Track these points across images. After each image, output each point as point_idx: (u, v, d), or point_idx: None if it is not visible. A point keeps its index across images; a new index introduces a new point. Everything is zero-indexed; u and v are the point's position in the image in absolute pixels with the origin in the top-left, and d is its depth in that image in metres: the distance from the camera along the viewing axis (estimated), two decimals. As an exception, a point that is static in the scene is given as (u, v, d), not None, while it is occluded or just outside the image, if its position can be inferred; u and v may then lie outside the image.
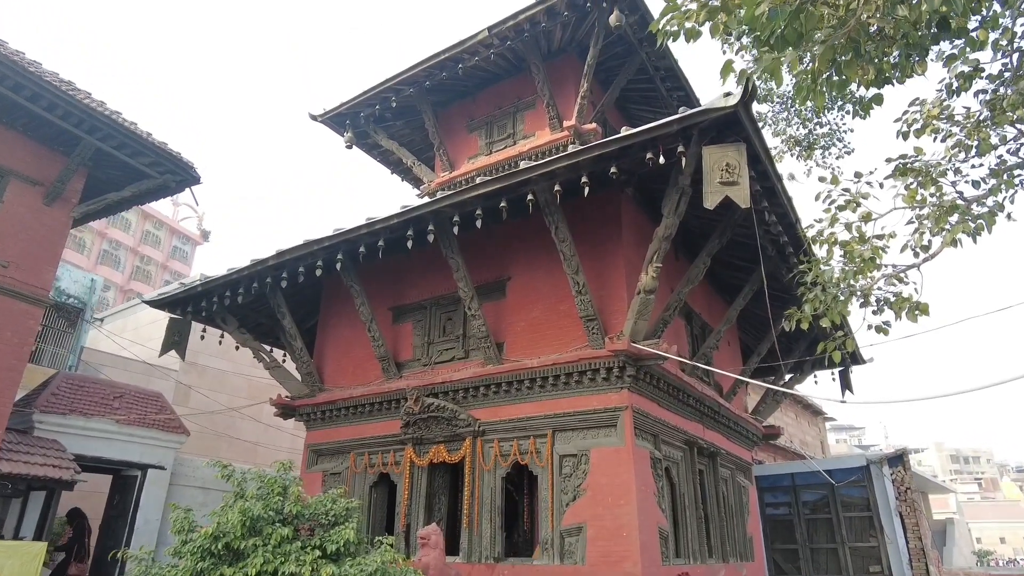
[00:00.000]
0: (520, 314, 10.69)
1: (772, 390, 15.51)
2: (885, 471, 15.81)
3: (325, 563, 5.09)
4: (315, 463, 12.65)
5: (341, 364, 12.92)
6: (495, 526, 9.83)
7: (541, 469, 9.64)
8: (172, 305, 13.07)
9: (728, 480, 12.61)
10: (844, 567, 15.68)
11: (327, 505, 6.21)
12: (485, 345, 10.36)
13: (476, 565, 9.66)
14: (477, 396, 10.53)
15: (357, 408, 12.04)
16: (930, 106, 5.19)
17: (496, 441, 10.19)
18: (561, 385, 9.71)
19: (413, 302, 12.21)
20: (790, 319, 6.17)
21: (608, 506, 8.74)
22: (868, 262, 4.93)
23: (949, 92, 5.17)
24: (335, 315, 13.48)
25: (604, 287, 9.87)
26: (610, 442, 9.11)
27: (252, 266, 11.39)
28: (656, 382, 9.71)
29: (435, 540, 7.97)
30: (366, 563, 5.30)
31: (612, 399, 9.25)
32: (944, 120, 5.18)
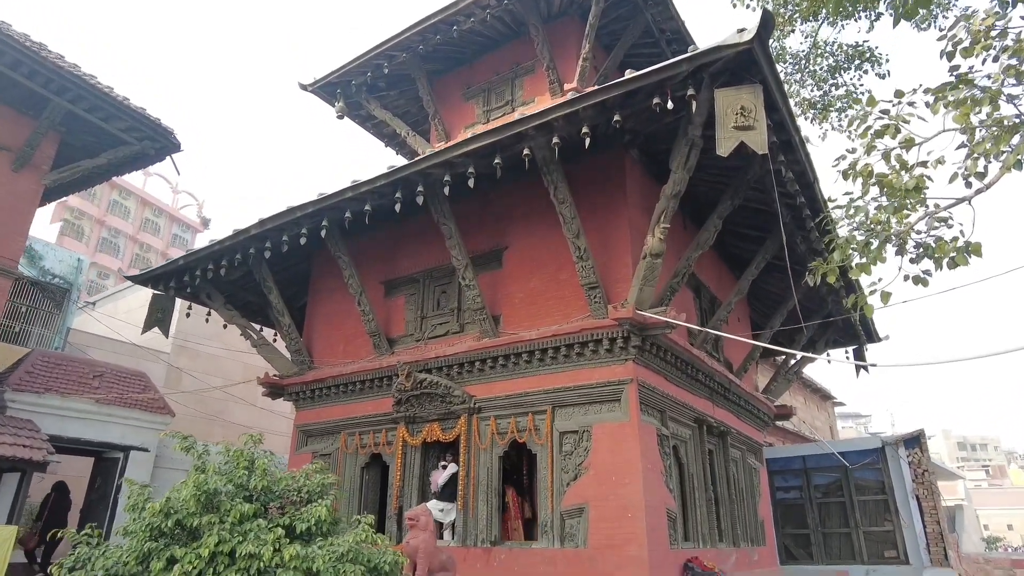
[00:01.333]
0: (518, 285, 10.04)
1: (783, 369, 14.87)
2: (901, 453, 15.15)
3: (290, 543, 4.48)
4: (304, 444, 12.08)
5: (331, 341, 12.32)
6: (491, 508, 9.24)
7: (540, 447, 9.03)
8: (154, 281, 12.46)
9: (739, 461, 11.99)
10: (858, 552, 15.07)
11: (300, 480, 5.61)
12: (481, 318, 9.73)
13: (471, 549, 9.07)
14: (472, 371, 9.91)
15: (347, 386, 11.45)
16: (981, 20, 4.48)
17: (493, 418, 9.58)
18: (561, 358, 9.08)
19: (405, 275, 11.58)
20: (814, 272, 5.50)
21: (612, 485, 8.12)
22: (911, 192, 4.25)
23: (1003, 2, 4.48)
24: (325, 291, 12.86)
25: (607, 253, 9.21)
26: (614, 417, 8.49)
27: (233, 236, 10.76)
28: (663, 354, 9.07)
29: (424, 521, 7.38)
30: (338, 543, 4.69)
31: (616, 372, 8.61)
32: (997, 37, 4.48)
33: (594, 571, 7.89)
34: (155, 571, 4.29)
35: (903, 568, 14.41)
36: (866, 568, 14.65)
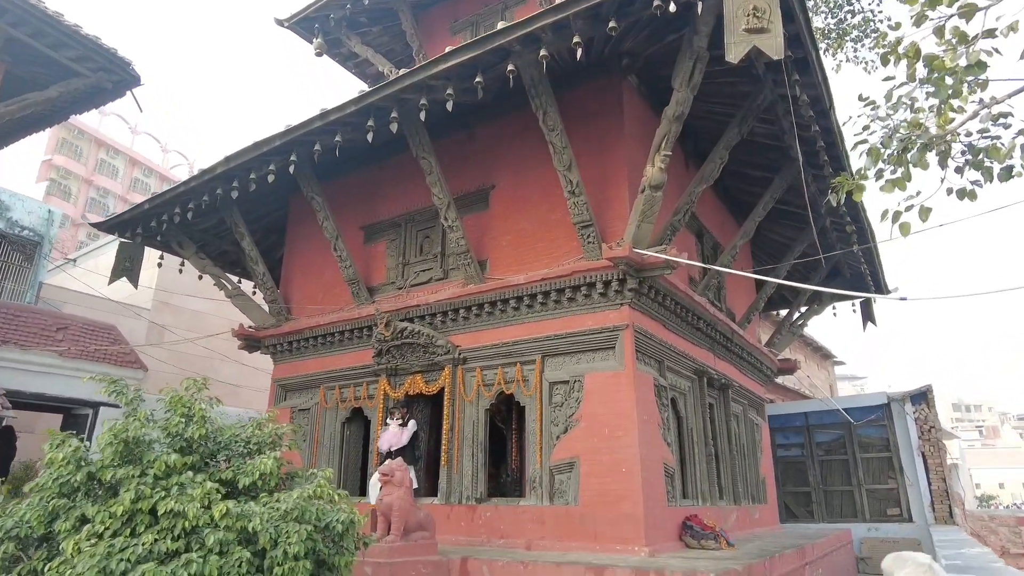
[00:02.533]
0: (506, 227, 9.27)
1: (787, 322, 14.20)
2: (908, 409, 14.61)
3: (223, 499, 3.82)
4: (283, 399, 11.47)
5: (309, 291, 11.60)
6: (477, 463, 8.64)
7: (528, 399, 8.38)
8: (120, 228, 11.66)
9: (740, 416, 11.40)
10: (860, 510, 14.66)
11: (249, 430, 4.93)
12: (465, 263, 8.98)
13: (455, 507, 8.51)
14: (457, 320, 9.21)
15: (326, 337, 10.76)
16: None
17: (479, 369, 8.92)
18: (552, 304, 8.37)
19: (386, 219, 10.79)
20: (839, 189, 4.72)
21: (605, 438, 7.50)
22: (971, 69, 3.44)
23: None
24: (302, 238, 12.09)
25: (602, 189, 8.41)
26: (608, 366, 7.82)
27: (199, 176, 9.92)
28: (662, 299, 8.35)
29: (399, 477, 6.76)
30: (282, 500, 4.04)
31: (610, 317, 7.91)
32: None
33: (585, 530, 7.32)
34: (62, 532, 3.65)
35: (906, 526, 14.00)
36: (868, 526, 14.26)
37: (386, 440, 8.79)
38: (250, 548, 3.79)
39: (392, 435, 8.82)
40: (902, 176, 4.48)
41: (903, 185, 4.49)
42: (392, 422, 8.99)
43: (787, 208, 11.91)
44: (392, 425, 8.96)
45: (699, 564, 6.03)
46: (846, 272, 13.93)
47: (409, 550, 6.58)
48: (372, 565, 6.32)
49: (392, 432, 8.87)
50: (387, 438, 8.81)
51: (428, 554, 6.75)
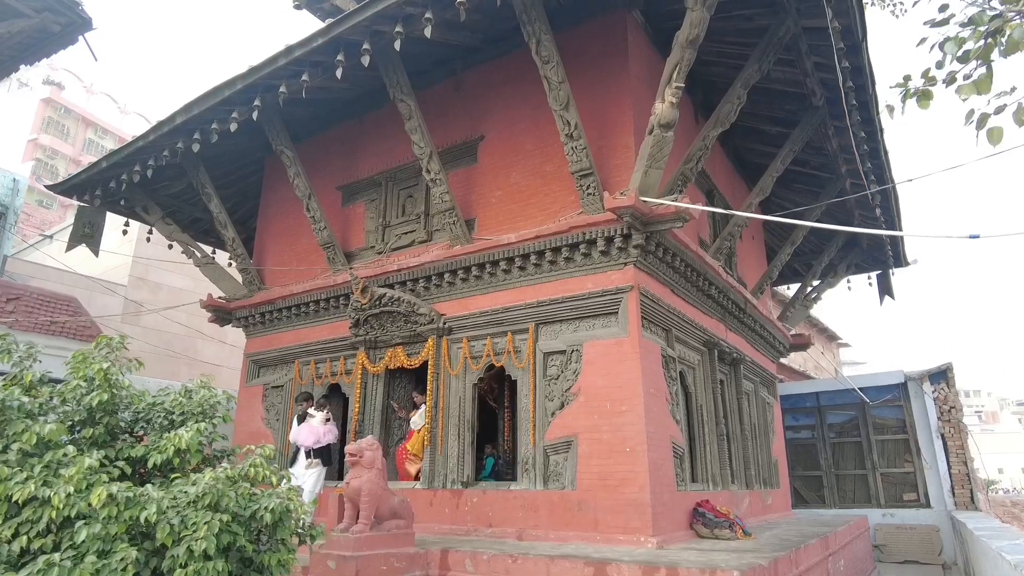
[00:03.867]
0: (496, 181, 8.32)
1: (801, 295, 13.28)
2: (926, 388, 13.75)
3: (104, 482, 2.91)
4: (256, 376, 10.56)
5: (284, 260, 10.65)
6: (464, 444, 7.76)
7: (520, 371, 7.48)
8: (78, 190, 10.66)
9: (751, 395, 10.51)
10: (874, 495, 13.85)
11: (176, 399, 4.01)
12: (450, 221, 8.03)
13: (439, 491, 7.64)
14: (442, 285, 8.28)
15: (300, 308, 9.84)
16: None
17: (465, 340, 8.01)
18: (546, 265, 7.44)
19: (365, 178, 9.82)
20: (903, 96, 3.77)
21: (606, 414, 6.60)
22: None
23: None
24: (277, 202, 11.13)
25: (604, 135, 7.45)
26: (609, 333, 6.90)
27: (157, 127, 8.92)
28: (671, 259, 7.42)
29: (369, 458, 5.86)
30: (194, 482, 3.14)
31: (613, 279, 6.98)
32: None
33: (583, 517, 6.45)
34: None
35: (923, 512, 13.20)
36: (883, 512, 13.45)
37: (308, 434, 7.78)
38: (147, 545, 2.89)
39: (314, 430, 7.82)
40: (984, 76, 3.55)
41: (986, 87, 3.56)
42: (317, 414, 7.97)
43: (802, 171, 10.97)
44: (317, 417, 7.93)
45: (717, 558, 5.15)
46: (863, 241, 12.99)
47: (380, 541, 5.70)
48: (336, 559, 5.44)
49: (314, 427, 7.84)
50: (308, 432, 7.79)
51: (403, 546, 5.87)
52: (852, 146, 8.55)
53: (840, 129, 9.16)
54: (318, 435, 7.80)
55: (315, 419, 7.93)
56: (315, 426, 7.88)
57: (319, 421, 7.92)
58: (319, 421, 7.92)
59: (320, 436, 7.81)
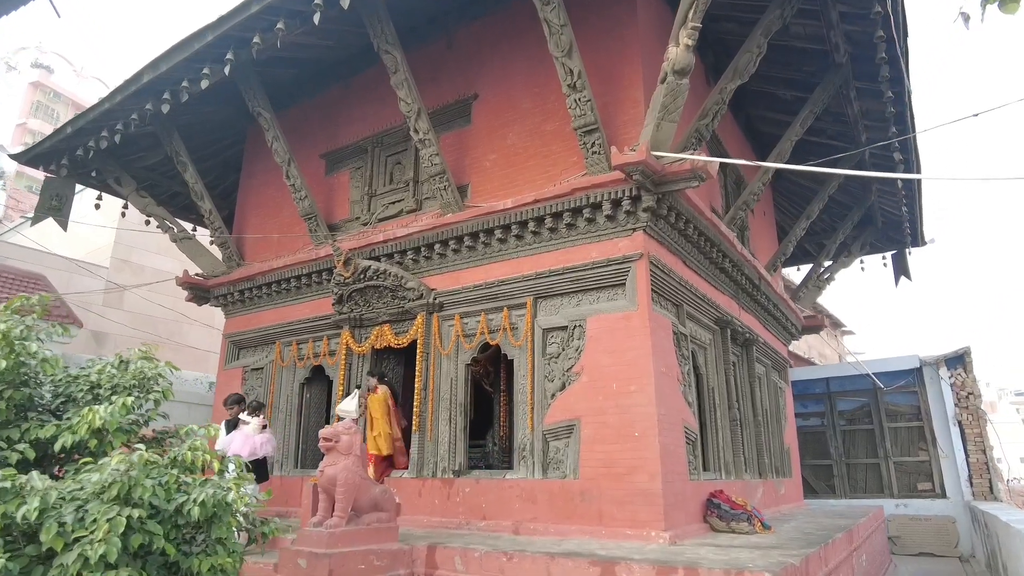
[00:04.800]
0: (491, 144, 7.62)
1: (814, 274, 12.62)
2: (942, 374, 13.13)
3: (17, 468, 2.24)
4: (235, 358, 9.91)
5: (265, 233, 9.95)
6: (455, 429, 7.11)
7: (517, 350, 6.82)
8: (44, 159, 9.95)
9: (763, 378, 9.87)
10: (887, 484, 13.27)
11: (105, 371, 3.34)
12: (441, 186, 7.34)
13: (428, 480, 7.00)
14: (432, 257, 7.61)
15: (280, 284, 9.16)
16: None
17: (457, 317, 7.35)
18: (546, 233, 6.76)
19: (350, 144, 9.12)
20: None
21: (612, 395, 5.95)
22: None
23: None
24: (258, 174, 10.42)
25: (610, 89, 6.75)
26: (616, 307, 6.24)
27: (124, 87, 8.20)
28: (683, 226, 6.74)
29: (347, 443, 5.21)
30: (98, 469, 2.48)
31: (620, 247, 6.31)
32: None
33: (587, 509, 5.81)
34: None
35: (939, 502, 12.62)
36: (896, 502, 12.87)
37: (241, 444, 6.62)
38: (31, 549, 2.24)
39: (249, 439, 6.73)
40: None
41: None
42: (251, 420, 6.92)
43: (817, 141, 10.27)
44: (252, 424, 6.87)
45: (741, 556, 4.52)
46: (879, 220, 12.32)
47: (358, 536, 5.05)
48: (307, 557, 4.80)
49: (248, 436, 6.76)
50: (242, 442, 6.63)
51: (384, 541, 5.22)
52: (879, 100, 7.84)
53: (863, 92, 8.49)
54: (253, 446, 6.68)
55: (249, 426, 6.85)
56: (249, 434, 6.77)
57: (254, 428, 6.84)
58: (254, 428, 6.84)
59: (256, 447, 6.69)
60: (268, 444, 6.94)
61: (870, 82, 8.07)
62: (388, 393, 7.42)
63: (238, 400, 7.37)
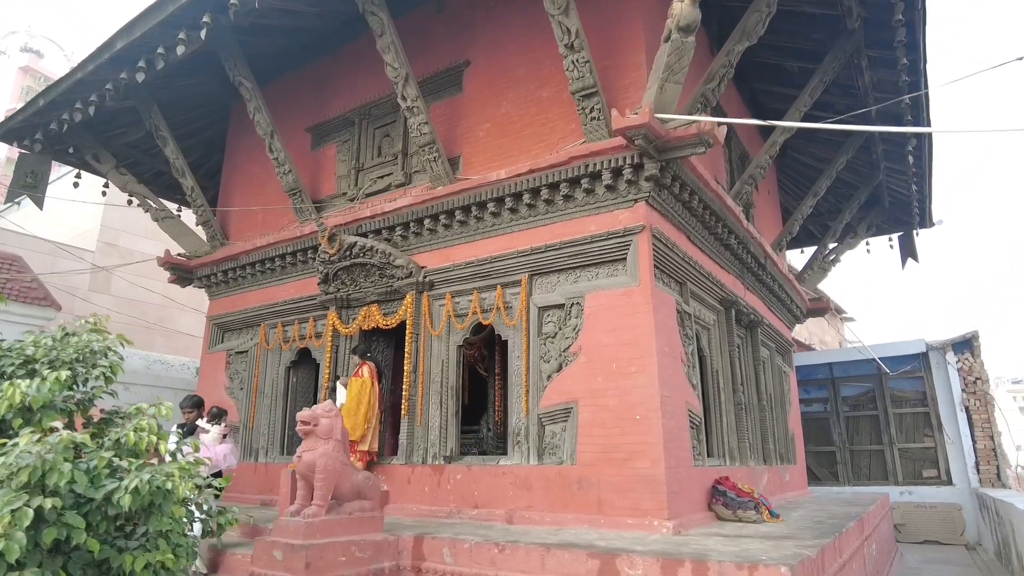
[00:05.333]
0: (483, 112, 7.21)
1: (820, 255, 12.24)
2: (950, 358, 12.81)
3: None
4: (219, 341, 9.53)
5: (250, 212, 9.54)
6: (447, 413, 6.75)
7: (512, 330, 6.45)
8: (17, 134, 9.50)
9: (767, 362, 9.52)
10: (891, 471, 12.98)
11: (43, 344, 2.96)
12: (431, 158, 6.93)
13: (417, 467, 6.64)
14: (421, 233, 7.22)
15: (265, 264, 8.77)
16: None
17: (448, 296, 6.96)
18: (542, 206, 6.37)
19: (337, 116, 8.70)
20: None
21: (612, 376, 5.58)
22: None
23: None
24: (243, 150, 9.99)
25: (611, 53, 6.34)
26: (616, 283, 5.86)
27: (96, 55, 7.76)
28: (688, 197, 6.35)
29: (326, 426, 4.84)
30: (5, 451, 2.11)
31: (620, 219, 5.92)
32: None
33: (585, 497, 5.46)
34: None
35: (945, 489, 12.34)
36: (901, 489, 12.59)
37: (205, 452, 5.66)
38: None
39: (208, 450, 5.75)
40: None
41: None
42: (211, 428, 6.04)
43: (824, 115, 9.85)
44: (212, 432, 6.00)
45: (752, 547, 4.17)
46: (886, 200, 11.93)
47: (339, 526, 4.70)
48: (283, 549, 4.45)
49: (207, 446, 5.82)
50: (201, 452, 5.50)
51: (367, 531, 4.87)
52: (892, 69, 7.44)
53: (875, 61, 8.08)
54: (215, 458, 5.82)
55: (208, 435, 5.99)
56: (209, 444, 5.89)
57: (214, 438, 5.97)
58: (214, 438, 5.97)
59: (218, 459, 5.84)
60: (231, 456, 6.08)
61: (883, 50, 7.67)
62: (374, 371, 7.02)
63: (197, 404, 6.48)
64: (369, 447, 6.72)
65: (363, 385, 6.84)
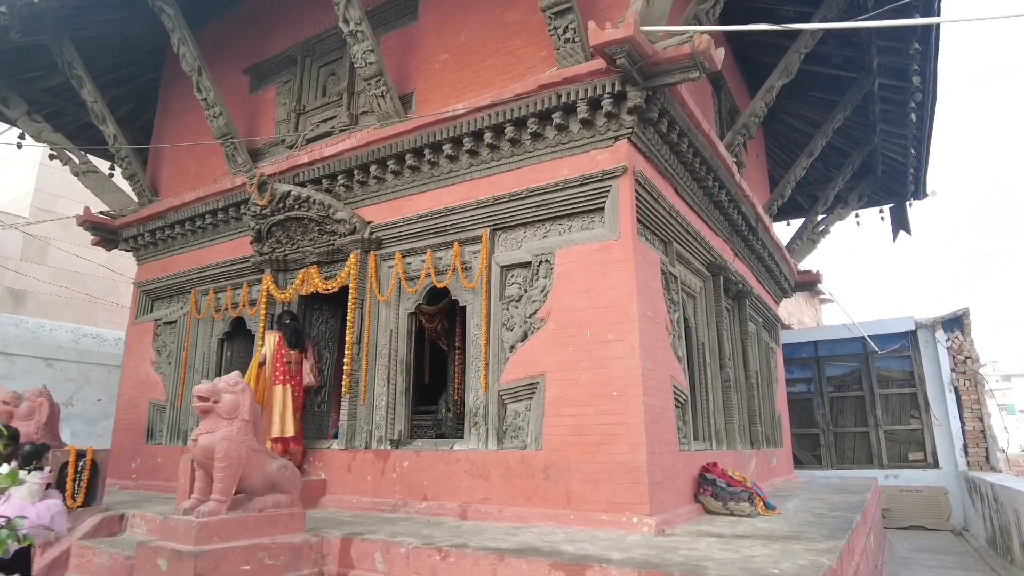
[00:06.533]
0: (441, 42, 6.21)
1: (809, 226, 11.49)
2: (939, 337, 12.22)
3: None
4: (147, 310, 8.47)
5: (182, 166, 8.46)
6: (395, 391, 5.83)
7: (470, 294, 5.52)
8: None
9: (754, 337, 8.75)
10: (876, 454, 12.43)
11: None
12: (378, 92, 5.93)
13: (359, 453, 5.72)
14: (367, 183, 6.23)
15: (196, 222, 7.71)
16: None
17: (398, 255, 6.00)
18: (506, 147, 5.42)
19: (278, 54, 7.62)
20: None
21: (585, 345, 4.70)
22: None
23: None
24: (177, 99, 8.84)
25: (587, -34, 5.37)
26: (592, 236, 4.96)
27: (-15, -30, 6.58)
28: (676, 139, 5.44)
29: (230, 403, 3.89)
30: None
31: (598, 160, 5.01)
32: None
33: (551, 488, 4.60)
34: None
35: (931, 472, 11.81)
36: (886, 473, 12.03)
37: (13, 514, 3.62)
38: None
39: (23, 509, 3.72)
40: None
41: None
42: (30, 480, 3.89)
43: (820, 71, 9.05)
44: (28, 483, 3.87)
45: (755, 553, 3.34)
46: (879, 168, 11.20)
47: (244, 526, 3.77)
48: (168, 556, 3.51)
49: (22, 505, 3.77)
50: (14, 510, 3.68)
51: (282, 531, 3.95)
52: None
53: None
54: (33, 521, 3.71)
55: (23, 488, 3.88)
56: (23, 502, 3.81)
57: (31, 491, 3.89)
58: (31, 491, 3.89)
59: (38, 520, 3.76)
60: (60, 517, 3.92)
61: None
62: (280, 342, 6.02)
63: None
64: (281, 432, 5.76)
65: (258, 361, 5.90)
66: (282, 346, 6.01)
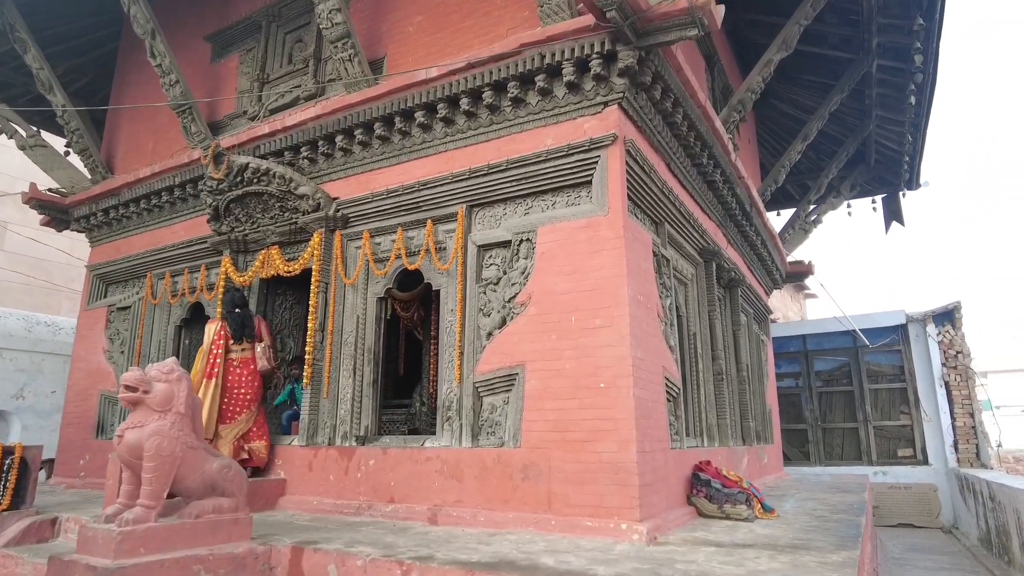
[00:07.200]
0: (415, 3, 5.71)
1: (800, 216, 11.13)
2: (930, 331, 11.95)
3: None
4: (101, 295, 7.88)
5: (139, 140, 7.87)
6: (362, 382, 5.33)
7: (444, 276, 5.04)
8: None
9: (746, 328, 8.36)
10: (865, 451, 12.15)
11: None
12: (345, 56, 5.41)
13: (322, 449, 5.22)
14: (333, 155, 5.72)
15: (151, 200, 7.14)
16: None
17: (366, 235, 5.50)
18: (484, 114, 4.94)
19: (241, 19, 7.05)
20: None
21: (570, 332, 4.24)
22: None
23: None
24: (134, 70, 8.23)
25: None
26: (578, 212, 4.50)
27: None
28: (670, 108, 4.99)
29: (163, 393, 3.38)
30: None
31: (586, 128, 4.54)
32: None
33: (532, 491, 4.14)
34: None
35: (920, 469, 11.54)
36: (875, 470, 11.75)
37: None
38: None
39: None
40: None
41: None
42: None
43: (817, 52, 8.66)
44: None
45: (761, 567, 2.91)
46: (872, 157, 10.88)
47: (177, 535, 3.27)
48: (82, 571, 3.00)
49: None
50: None
51: (223, 540, 3.46)
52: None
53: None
54: None
55: None
56: None
57: None
58: None
59: None
60: None
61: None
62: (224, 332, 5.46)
63: None
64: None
65: (200, 352, 5.37)
66: (223, 337, 5.43)
